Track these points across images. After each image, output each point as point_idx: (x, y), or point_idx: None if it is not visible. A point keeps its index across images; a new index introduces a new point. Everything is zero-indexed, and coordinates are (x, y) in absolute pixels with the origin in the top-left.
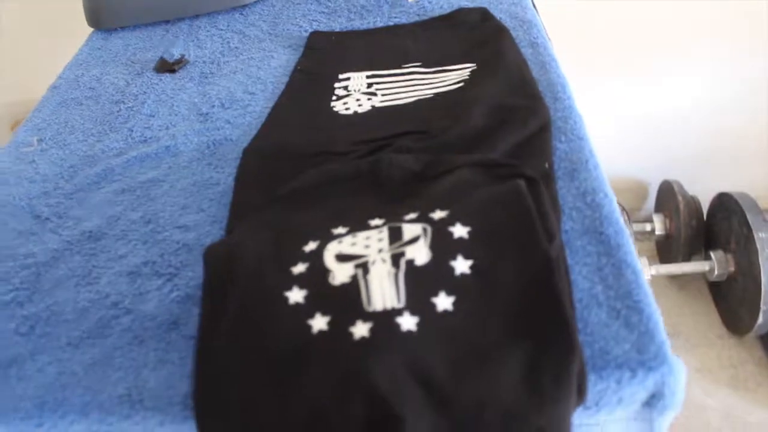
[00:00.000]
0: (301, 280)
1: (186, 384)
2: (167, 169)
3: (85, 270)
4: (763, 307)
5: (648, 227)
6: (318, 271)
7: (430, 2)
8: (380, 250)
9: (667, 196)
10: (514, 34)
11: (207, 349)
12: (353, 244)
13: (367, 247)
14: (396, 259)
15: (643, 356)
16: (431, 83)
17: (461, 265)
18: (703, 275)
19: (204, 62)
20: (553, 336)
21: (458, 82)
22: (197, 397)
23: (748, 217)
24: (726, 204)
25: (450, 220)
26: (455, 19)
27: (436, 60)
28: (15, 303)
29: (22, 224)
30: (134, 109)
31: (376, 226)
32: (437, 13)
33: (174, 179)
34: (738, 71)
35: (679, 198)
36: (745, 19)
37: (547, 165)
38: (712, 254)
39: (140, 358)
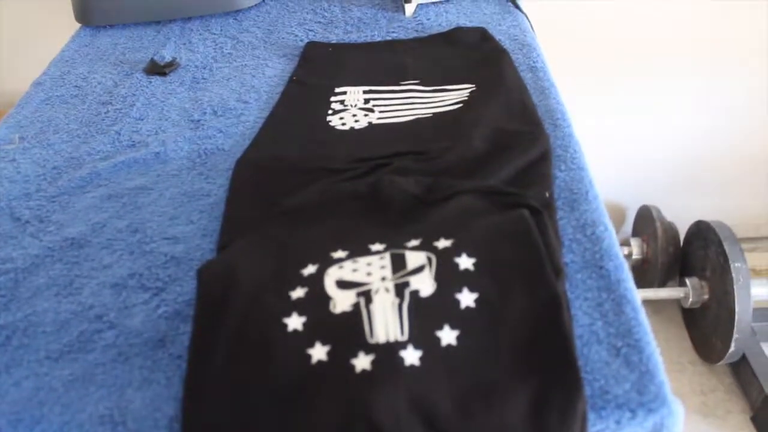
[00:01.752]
0: (300, 306)
1: (173, 406)
2: (156, 176)
3: (67, 279)
4: (735, 335)
5: (624, 251)
6: (318, 298)
7: (428, 19)
8: (383, 278)
9: (645, 221)
10: (513, 57)
11: (198, 373)
12: (355, 270)
13: (369, 274)
14: (400, 289)
15: (644, 397)
16: (430, 102)
17: (467, 298)
18: (677, 301)
19: (196, 67)
20: (560, 374)
21: (457, 103)
22: (187, 422)
23: (726, 246)
24: (703, 232)
25: (455, 251)
26: (454, 37)
27: (435, 79)
28: None
29: None
30: (122, 111)
31: (377, 252)
32: (435, 30)
33: (163, 188)
34: (720, 100)
35: (657, 224)
36: (727, 48)
37: (547, 194)
38: (687, 281)
39: (124, 377)
